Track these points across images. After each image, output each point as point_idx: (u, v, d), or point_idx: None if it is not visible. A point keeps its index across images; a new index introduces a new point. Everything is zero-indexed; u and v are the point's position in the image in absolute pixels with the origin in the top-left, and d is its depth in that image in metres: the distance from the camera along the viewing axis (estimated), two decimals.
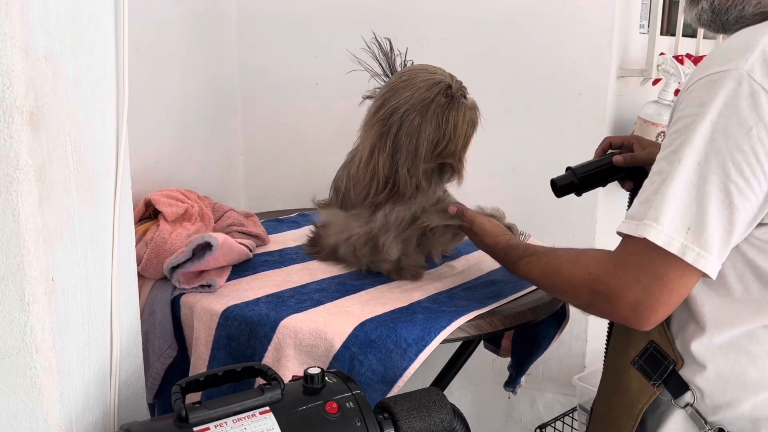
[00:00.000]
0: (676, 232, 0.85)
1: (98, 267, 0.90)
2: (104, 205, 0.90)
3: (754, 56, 0.84)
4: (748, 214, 0.85)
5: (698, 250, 0.84)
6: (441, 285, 1.32)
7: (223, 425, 0.79)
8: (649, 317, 0.89)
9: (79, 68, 0.83)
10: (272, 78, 1.97)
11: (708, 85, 0.86)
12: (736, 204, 0.84)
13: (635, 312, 0.89)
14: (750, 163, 0.83)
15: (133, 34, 0.94)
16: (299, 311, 1.15)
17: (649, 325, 0.90)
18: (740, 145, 0.83)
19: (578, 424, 1.85)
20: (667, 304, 0.88)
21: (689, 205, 0.85)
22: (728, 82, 0.84)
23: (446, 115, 1.23)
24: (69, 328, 0.84)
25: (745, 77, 0.83)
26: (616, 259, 0.91)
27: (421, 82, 1.24)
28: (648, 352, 0.99)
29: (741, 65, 0.83)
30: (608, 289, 0.91)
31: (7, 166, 0.72)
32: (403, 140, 1.23)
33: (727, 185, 0.84)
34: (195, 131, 1.77)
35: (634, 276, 0.88)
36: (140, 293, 1.12)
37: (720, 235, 0.85)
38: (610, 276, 0.91)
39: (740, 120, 0.83)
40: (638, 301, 0.88)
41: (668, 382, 0.97)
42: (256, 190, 2.04)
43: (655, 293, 0.87)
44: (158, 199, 1.37)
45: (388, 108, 1.25)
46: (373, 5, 1.88)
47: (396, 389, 1.07)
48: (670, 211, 0.85)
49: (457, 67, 1.32)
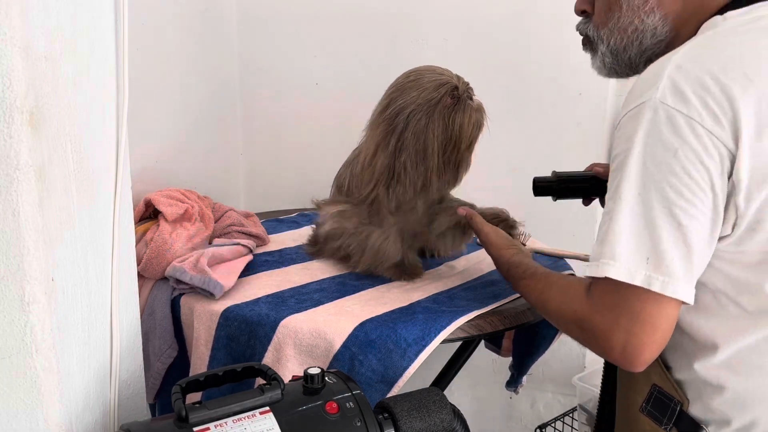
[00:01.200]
0: (635, 264, 0.87)
1: (98, 267, 0.90)
2: (104, 205, 0.90)
3: (663, 84, 0.87)
4: (701, 232, 0.86)
5: (662, 278, 0.85)
6: (441, 285, 1.32)
7: (223, 425, 0.79)
8: (637, 358, 0.89)
9: (79, 68, 0.83)
10: (272, 78, 1.97)
11: (630, 120, 0.89)
12: (685, 225, 0.85)
13: (623, 355, 0.89)
14: (685, 183, 0.85)
15: (133, 34, 0.93)
16: (299, 311, 1.16)
17: (640, 366, 0.90)
18: (671, 168, 0.85)
19: (578, 424, 1.85)
20: (653, 342, 0.88)
21: (641, 235, 0.87)
22: (646, 113, 0.87)
23: (453, 116, 1.23)
24: (69, 328, 0.84)
25: (660, 105, 0.86)
26: (593, 300, 0.92)
27: (428, 83, 1.24)
28: (653, 397, 0.99)
29: (654, 95, 0.87)
30: (595, 331, 0.92)
31: (7, 166, 0.72)
32: (410, 140, 1.23)
33: (671, 209, 0.85)
34: (195, 131, 1.77)
35: (613, 317, 0.89)
36: (140, 293, 1.12)
37: (680, 258, 0.86)
38: (592, 318, 0.92)
39: (665, 145, 0.85)
40: (624, 344, 0.88)
41: (679, 424, 0.96)
42: (256, 190, 2.04)
43: (638, 333, 0.88)
44: (158, 199, 1.37)
45: (394, 108, 1.25)
46: (373, 5, 1.88)
47: (396, 389, 1.07)
48: (624, 246, 0.87)
49: (457, 67, 1.32)
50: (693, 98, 0.85)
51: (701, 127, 0.84)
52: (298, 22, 1.93)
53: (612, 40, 1.04)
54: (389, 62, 1.89)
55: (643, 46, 1.02)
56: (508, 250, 1.18)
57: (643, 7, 1.00)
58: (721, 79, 0.85)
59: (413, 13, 1.86)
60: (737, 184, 0.85)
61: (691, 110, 0.85)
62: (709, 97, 0.85)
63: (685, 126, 0.85)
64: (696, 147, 0.84)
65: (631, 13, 1.01)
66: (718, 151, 0.84)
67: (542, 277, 1.06)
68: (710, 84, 0.85)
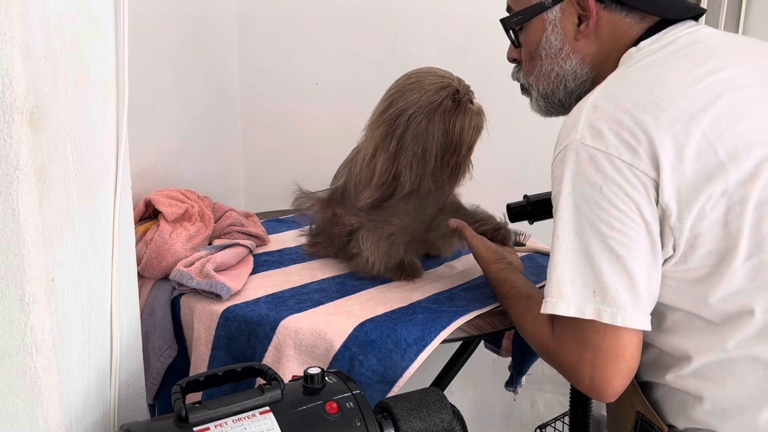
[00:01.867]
0: (583, 299, 0.89)
1: (98, 267, 0.90)
2: (104, 205, 0.90)
3: (581, 125, 0.91)
4: (641, 260, 0.89)
5: (611, 309, 0.88)
6: (441, 285, 1.32)
7: (223, 425, 0.79)
8: (606, 390, 0.91)
9: (79, 68, 0.83)
10: (272, 78, 1.97)
11: (557, 164, 0.94)
12: (622, 255, 0.88)
13: (592, 387, 0.92)
14: (615, 216, 0.88)
15: (133, 34, 0.93)
16: (299, 311, 1.16)
17: (611, 397, 0.92)
18: (599, 203, 0.88)
19: None
20: (618, 373, 0.90)
21: (583, 271, 0.90)
22: (570, 155, 0.91)
23: (453, 119, 1.23)
24: (69, 328, 0.84)
25: (581, 146, 0.90)
26: (557, 335, 0.95)
27: (429, 85, 1.24)
28: (639, 424, 1.01)
29: (574, 137, 0.91)
30: (563, 364, 0.95)
31: (7, 166, 0.72)
32: (409, 142, 1.23)
33: (607, 242, 0.88)
34: (195, 131, 1.77)
35: (577, 352, 0.92)
36: (140, 293, 1.12)
37: (624, 288, 0.88)
38: (558, 352, 0.95)
39: (590, 183, 0.89)
40: (591, 377, 0.91)
41: None
42: (256, 190, 2.04)
43: (602, 365, 0.90)
44: (158, 199, 1.37)
45: (395, 109, 1.24)
46: (373, 5, 1.88)
47: (396, 389, 1.07)
48: (569, 283, 0.90)
49: (457, 67, 1.32)
50: (609, 135, 0.89)
51: (620, 161, 0.88)
52: (298, 22, 1.93)
53: (540, 86, 1.10)
54: (389, 62, 1.89)
55: (568, 88, 1.08)
56: (495, 265, 1.20)
57: (560, 55, 1.06)
58: (633, 113, 0.89)
59: (413, 13, 1.86)
60: (666, 208, 0.87)
61: (609, 147, 0.88)
62: (624, 131, 0.88)
63: (605, 162, 0.88)
64: (619, 181, 0.88)
65: (550, 60, 1.07)
66: (641, 180, 0.87)
67: (522, 301, 1.08)
68: (624, 119, 0.89)
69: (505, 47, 1.20)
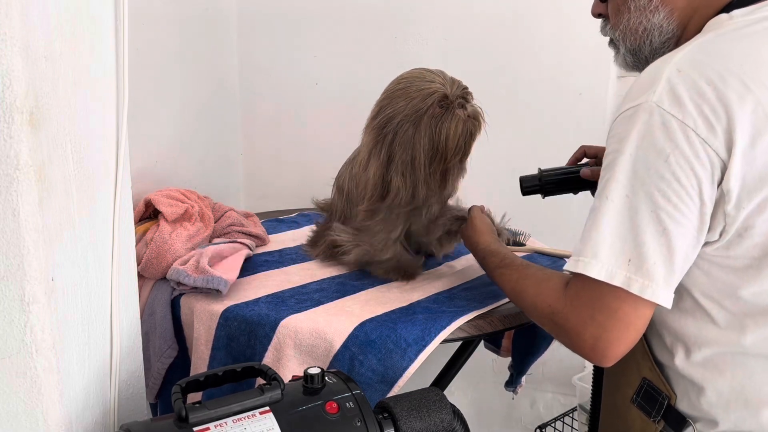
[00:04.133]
0: (616, 265, 0.87)
1: (98, 267, 0.90)
2: (104, 205, 0.90)
3: (661, 87, 0.87)
4: (686, 239, 0.87)
5: (642, 281, 0.86)
6: (441, 285, 1.32)
7: (223, 425, 0.79)
8: (607, 354, 0.90)
9: (79, 68, 0.82)
10: (272, 78, 1.97)
11: (624, 120, 0.89)
12: (670, 230, 0.86)
13: (594, 350, 0.91)
14: (674, 189, 0.85)
15: (133, 34, 0.93)
16: (299, 311, 1.16)
17: (609, 362, 0.91)
18: (661, 173, 0.85)
19: (578, 424, 1.85)
20: (625, 339, 0.89)
21: (625, 237, 0.87)
22: (641, 115, 0.87)
23: (439, 126, 1.21)
24: (69, 328, 0.84)
25: (655, 108, 0.86)
26: (571, 295, 0.93)
27: (416, 92, 1.22)
28: (644, 390, 1.00)
29: (650, 97, 0.87)
30: (567, 325, 0.93)
31: (7, 166, 0.72)
32: (397, 150, 1.22)
33: (658, 213, 0.86)
34: (195, 131, 1.77)
35: (589, 313, 0.90)
36: (140, 293, 1.12)
37: (661, 263, 0.86)
38: (567, 312, 0.93)
39: (657, 149, 0.86)
40: (596, 338, 0.90)
41: (667, 417, 0.97)
42: (256, 190, 2.04)
43: (611, 329, 0.89)
44: (158, 199, 1.37)
45: (383, 117, 1.24)
46: (373, 5, 1.88)
47: (396, 389, 1.07)
48: (607, 246, 0.88)
49: (457, 67, 1.31)
50: (689, 104, 0.85)
51: (695, 134, 0.85)
52: (298, 22, 1.93)
53: (627, 41, 1.05)
54: (389, 62, 1.88)
55: (653, 44, 1.02)
56: (486, 236, 1.19)
57: (648, 7, 1.01)
58: (719, 86, 0.85)
59: (413, 13, 1.86)
60: (727, 193, 0.85)
61: (686, 116, 0.85)
62: (706, 104, 0.85)
63: (678, 131, 0.85)
64: (688, 154, 0.85)
65: (638, 13, 1.02)
66: (710, 159, 0.85)
67: (519, 268, 1.07)
68: (707, 91, 0.85)
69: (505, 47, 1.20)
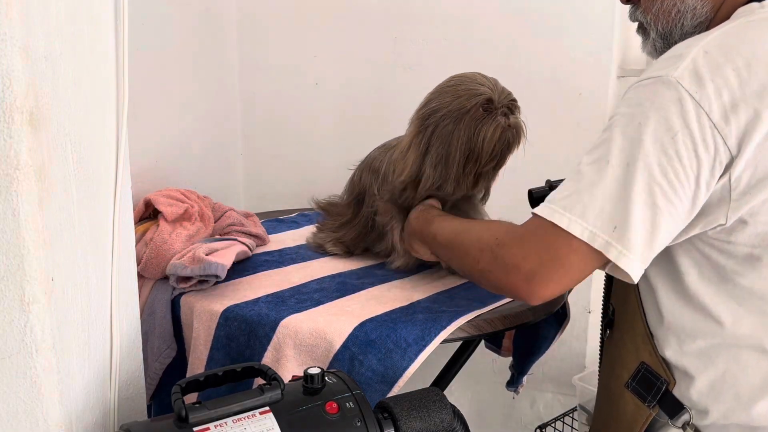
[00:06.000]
0: (601, 229, 0.87)
1: (98, 267, 0.90)
2: (104, 205, 0.90)
3: (684, 64, 0.86)
4: (672, 218, 0.86)
5: (620, 249, 0.86)
6: (441, 285, 1.32)
7: (223, 425, 0.79)
8: (538, 291, 0.91)
9: (79, 68, 0.82)
10: (272, 78, 1.97)
11: (640, 88, 0.89)
12: (659, 206, 0.85)
13: (528, 283, 0.91)
14: (674, 167, 0.85)
15: (133, 34, 0.93)
16: (299, 311, 1.16)
17: (536, 299, 0.92)
18: (666, 148, 0.85)
19: (578, 424, 1.85)
20: (559, 282, 0.90)
21: (616, 204, 0.86)
22: (659, 87, 0.86)
23: (478, 128, 1.22)
24: (69, 328, 0.84)
25: (674, 83, 0.85)
26: (523, 231, 0.94)
27: (464, 91, 1.24)
28: (640, 374, 1.00)
29: (672, 72, 0.86)
30: (508, 256, 0.93)
31: (7, 166, 0.72)
32: (434, 143, 1.24)
33: (652, 187, 0.85)
34: (195, 131, 1.77)
35: (536, 250, 0.90)
36: (140, 293, 1.12)
37: (642, 236, 0.86)
38: (514, 244, 0.93)
39: (667, 124, 0.85)
40: (533, 273, 0.90)
41: (663, 403, 0.97)
42: (256, 190, 2.04)
43: (551, 270, 0.89)
44: (158, 199, 1.37)
45: (428, 109, 1.26)
46: (373, 5, 1.88)
47: (396, 389, 1.07)
48: (597, 209, 0.87)
49: (457, 67, 1.32)
50: (709, 86, 0.84)
51: (707, 117, 0.84)
52: (298, 22, 1.93)
53: (659, 24, 1.03)
54: (389, 62, 1.89)
55: (684, 28, 1.01)
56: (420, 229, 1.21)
57: None
58: (742, 74, 0.84)
59: (413, 13, 1.86)
60: (734, 181, 0.85)
61: (703, 98, 0.84)
62: (726, 89, 0.84)
63: (692, 111, 0.84)
64: (696, 135, 0.84)
65: None
66: (716, 146, 0.84)
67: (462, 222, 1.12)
68: (731, 76, 0.84)
69: (505, 47, 1.20)
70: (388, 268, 1.38)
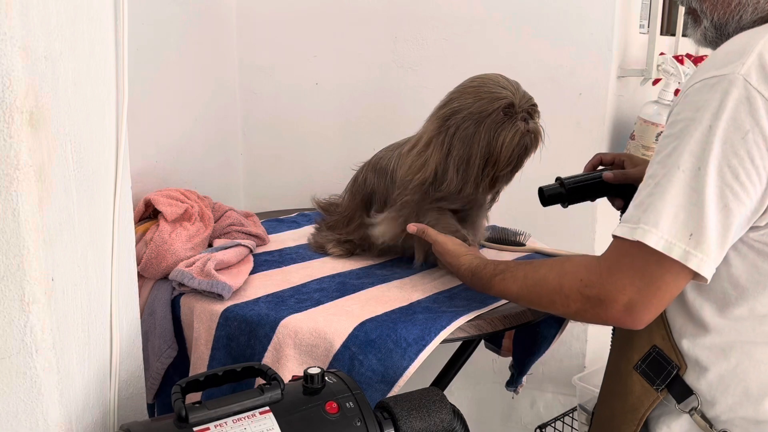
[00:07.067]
0: (677, 238, 0.85)
1: (98, 267, 0.90)
2: (104, 205, 0.90)
3: (751, 60, 0.83)
4: (742, 218, 0.86)
5: (701, 256, 0.85)
6: (441, 285, 1.32)
7: (223, 425, 0.79)
8: (642, 317, 0.90)
9: (79, 68, 0.83)
10: (272, 78, 1.97)
11: (705, 89, 0.86)
12: (731, 208, 0.84)
13: (629, 314, 0.89)
14: (745, 167, 0.83)
15: (133, 34, 0.94)
16: (299, 311, 1.16)
17: (642, 325, 0.91)
18: (736, 149, 0.83)
19: (578, 424, 1.85)
20: (660, 304, 0.89)
21: (690, 210, 0.85)
22: (725, 87, 0.84)
23: (497, 132, 1.23)
24: (69, 328, 0.84)
25: (742, 81, 0.83)
26: (608, 262, 0.92)
27: (485, 93, 1.24)
28: (651, 357, 0.99)
29: (738, 69, 0.83)
30: (602, 293, 0.91)
31: (7, 166, 0.72)
32: (456, 144, 1.25)
33: (723, 190, 0.84)
34: (195, 131, 1.77)
35: (629, 279, 0.89)
36: (140, 293, 1.12)
37: (716, 239, 0.85)
38: (603, 280, 0.91)
39: (737, 124, 0.83)
40: (632, 303, 0.89)
41: (672, 387, 0.97)
42: (256, 190, 2.04)
43: (649, 295, 0.88)
44: (158, 199, 1.37)
45: (449, 109, 1.26)
46: (373, 5, 1.88)
47: (396, 389, 1.07)
48: (670, 217, 0.85)
49: (457, 68, 1.32)
50: None
51: None
52: (298, 22, 1.93)
53: (715, 14, 0.99)
54: (389, 62, 1.89)
55: (742, 21, 0.97)
56: (466, 256, 1.18)
57: None
58: None
59: (413, 13, 1.86)
60: None
61: None
62: None
63: (762, 109, 0.82)
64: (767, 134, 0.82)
65: None
66: None
67: (520, 265, 1.06)
68: None
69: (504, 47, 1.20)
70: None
